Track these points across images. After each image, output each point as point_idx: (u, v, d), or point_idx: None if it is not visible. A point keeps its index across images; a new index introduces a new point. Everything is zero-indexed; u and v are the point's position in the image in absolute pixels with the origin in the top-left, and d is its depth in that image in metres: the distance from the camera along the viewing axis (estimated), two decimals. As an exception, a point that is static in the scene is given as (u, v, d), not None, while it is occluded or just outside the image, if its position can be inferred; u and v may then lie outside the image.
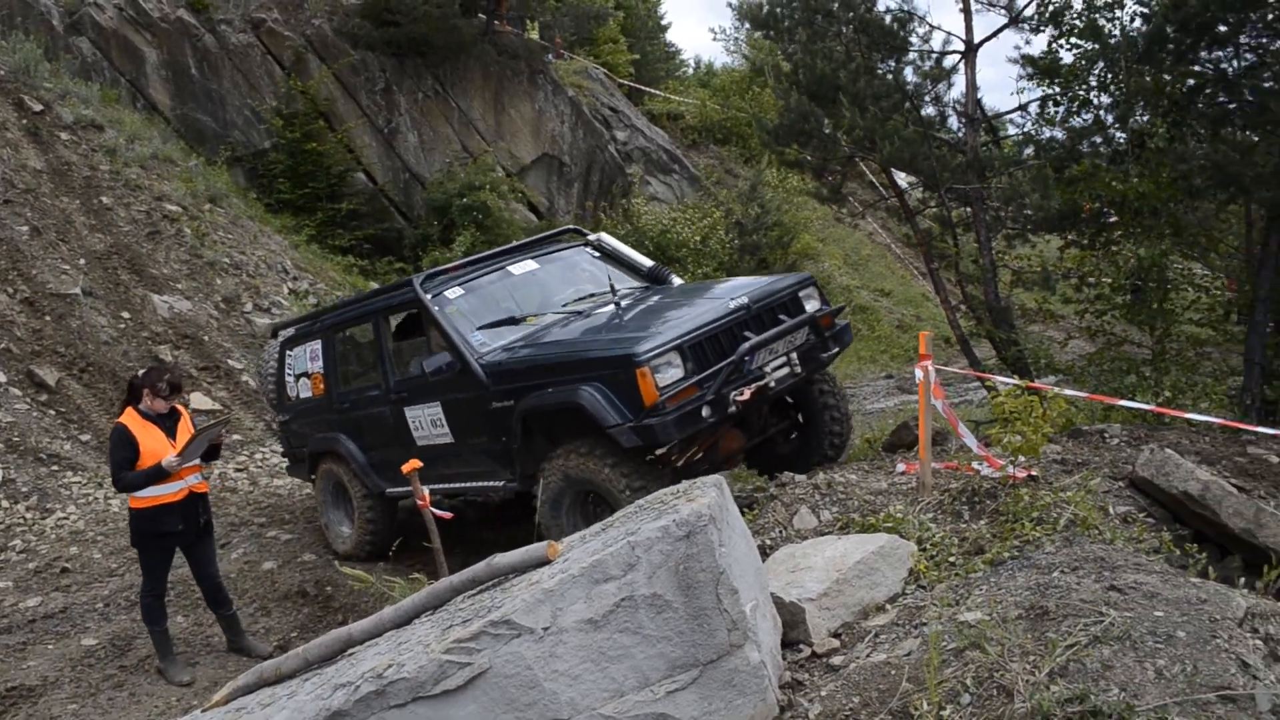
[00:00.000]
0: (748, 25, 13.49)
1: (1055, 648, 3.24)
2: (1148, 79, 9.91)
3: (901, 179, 12.29)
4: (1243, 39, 9.82)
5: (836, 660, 3.91)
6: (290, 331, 8.96)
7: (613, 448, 5.96)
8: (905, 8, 10.68)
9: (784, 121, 10.34)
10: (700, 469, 6.29)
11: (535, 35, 20.80)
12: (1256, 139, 9.25)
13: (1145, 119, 9.96)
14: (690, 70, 37.04)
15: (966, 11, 10.31)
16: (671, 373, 5.87)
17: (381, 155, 18.37)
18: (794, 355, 6.38)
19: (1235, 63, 10.04)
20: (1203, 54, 9.65)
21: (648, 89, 28.00)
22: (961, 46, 10.42)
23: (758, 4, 12.06)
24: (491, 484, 7.04)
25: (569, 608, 3.44)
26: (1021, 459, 4.80)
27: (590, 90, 22.63)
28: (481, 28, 18.99)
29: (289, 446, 9.15)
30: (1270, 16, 9.18)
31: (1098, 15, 10.54)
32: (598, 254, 8.08)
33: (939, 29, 11.38)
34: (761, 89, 24.15)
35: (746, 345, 6.07)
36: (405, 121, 18.62)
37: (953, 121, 10.76)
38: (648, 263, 8.17)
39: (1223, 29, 9.38)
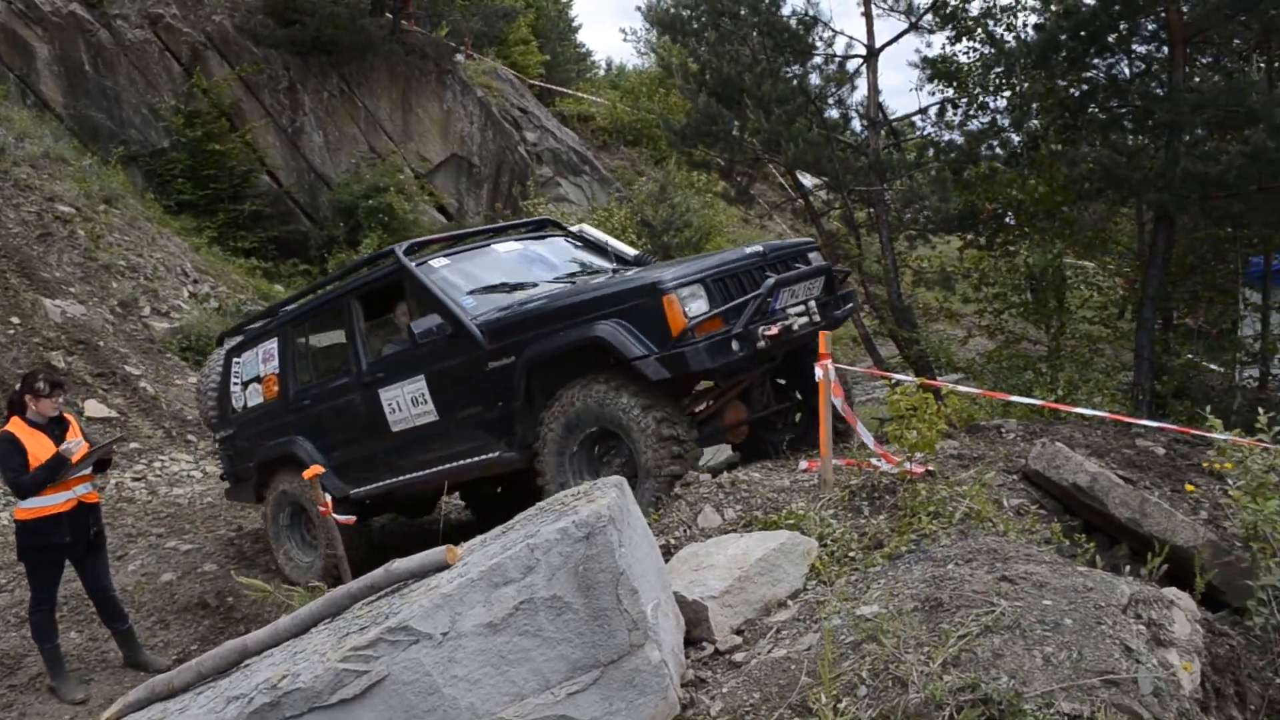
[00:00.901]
0: (657, 29, 13.53)
1: (948, 638, 3.31)
2: (1042, 84, 10.21)
3: (807, 180, 12.46)
4: (1134, 47, 10.18)
5: (739, 657, 3.95)
6: (239, 338, 8.45)
7: (633, 383, 5.68)
8: (810, 12, 10.86)
9: (691, 123, 10.42)
10: (707, 436, 6.17)
11: (444, 35, 20.57)
12: (1145, 142, 9.61)
13: (1039, 123, 10.25)
14: (601, 71, 37.02)
15: (868, 16, 10.51)
16: (697, 305, 5.63)
17: (286, 156, 17.98)
18: (812, 304, 6.23)
19: (1125, 69, 10.39)
20: (1094, 60, 9.97)
21: (559, 89, 27.92)
22: (863, 51, 10.61)
23: (664, 7, 12.12)
24: (485, 458, 6.47)
25: (468, 612, 3.41)
26: (919, 455, 4.90)
27: (500, 91, 22.46)
28: (388, 27, 18.73)
29: (231, 465, 8.42)
30: (1155, 26, 9.52)
31: (994, 21, 10.84)
32: (580, 245, 7.82)
33: (842, 34, 11.58)
34: (670, 90, 24.23)
35: (772, 280, 5.86)
36: (310, 121, 18.26)
37: (856, 124, 10.96)
38: (633, 251, 7.92)
39: (1112, 37, 9.70)
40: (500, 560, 3.48)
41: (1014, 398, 5.14)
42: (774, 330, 5.70)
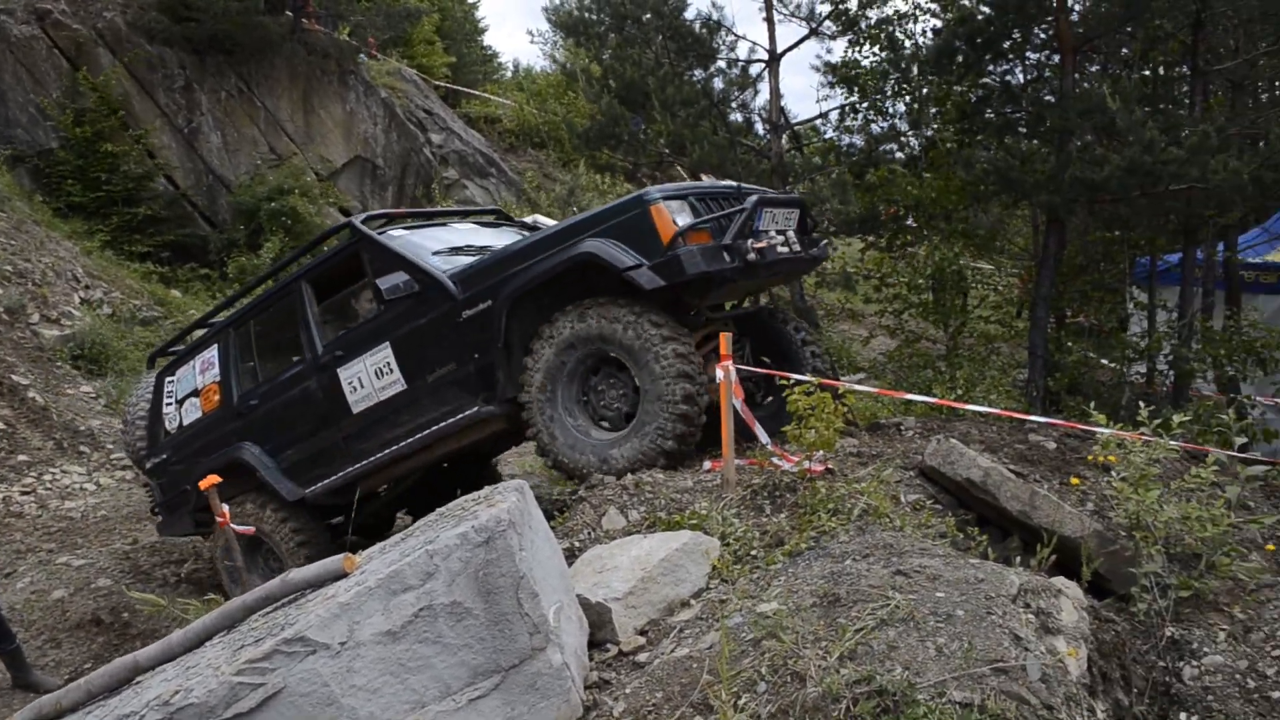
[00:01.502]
0: (561, 32, 13.53)
1: (845, 632, 3.37)
2: (939, 89, 10.48)
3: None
4: (1027, 54, 10.51)
5: (642, 657, 3.96)
6: (171, 357, 8.00)
7: (648, 307, 5.52)
8: (713, 17, 10.97)
9: (595, 126, 10.44)
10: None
11: (346, 34, 20.25)
12: (1037, 147, 9.91)
13: (937, 127, 10.52)
14: (508, 74, 36.87)
15: (770, 22, 10.66)
16: (683, 217, 5.53)
17: (183, 157, 17.50)
18: (790, 234, 6.19)
19: (1019, 75, 10.73)
20: (989, 67, 10.27)
21: (465, 91, 27.70)
22: (765, 56, 10.75)
23: (568, 10, 12.13)
24: (461, 417, 6.14)
25: (366, 621, 3.37)
26: (818, 454, 4.98)
27: (404, 92, 22.20)
28: (288, 26, 18.36)
29: (162, 494, 7.77)
30: (1047, 35, 9.84)
31: (893, 27, 11.08)
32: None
33: (744, 38, 11.73)
34: (577, 94, 24.25)
35: (755, 197, 5.82)
36: (208, 122, 17.80)
37: (759, 128, 11.10)
38: None
39: (1006, 45, 10.00)
40: (399, 567, 3.44)
41: (911, 396, 5.26)
42: (763, 243, 5.67)
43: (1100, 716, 3.56)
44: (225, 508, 6.21)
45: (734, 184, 6.24)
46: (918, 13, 11.17)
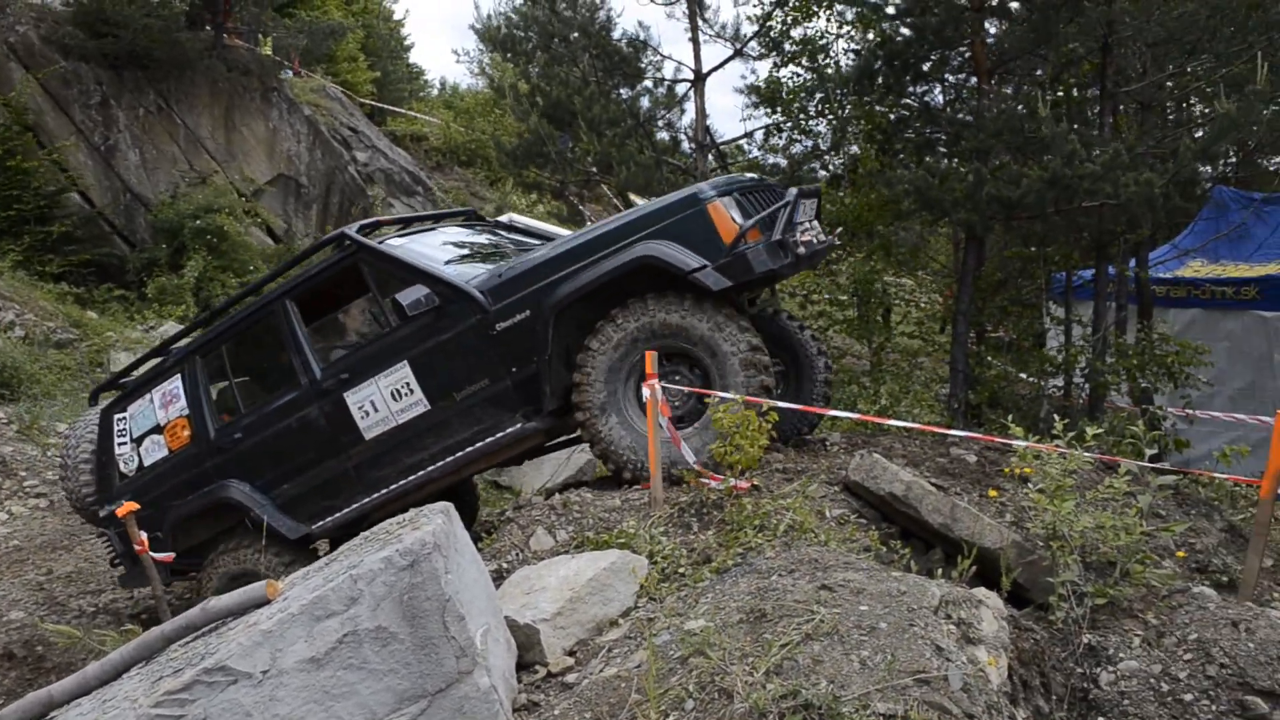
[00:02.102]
0: (489, 47, 13.54)
1: (771, 647, 3.40)
2: (860, 109, 10.67)
3: (639, 202, 12.65)
4: (946, 76, 10.75)
5: (571, 678, 3.95)
6: (119, 391, 7.34)
7: (686, 298, 5.40)
8: (639, 36, 11.06)
9: (523, 144, 10.44)
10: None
11: (269, 51, 19.98)
12: (955, 165, 10.13)
13: (858, 146, 10.71)
14: (435, 91, 36.70)
15: (695, 42, 10.76)
16: (736, 214, 5.41)
17: (99, 175, 17.05)
18: (815, 224, 6.11)
19: (938, 96, 10.96)
20: (909, 88, 10.48)
21: (390, 108, 27.52)
22: (691, 75, 10.85)
23: (496, 26, 12.14)
24: (501, 436, 5.83)
25: (289, 648, 3.31)
26: (745, 471, 5.02)
27: (329, 109, 21.98)
28: (209, 42, 18.05)
29: (125, 544, 6.93)
30: (963, 57, 10.08)
31: (815, 48, 11.28)
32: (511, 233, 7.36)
33: (670, 58, 11.83)
34: (505, 112, 24.23)
35: (794, 191, 5.72)
36: (125, 139, 17.39)
37: (685, 147, 11.20)
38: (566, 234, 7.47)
39: (925, 67, 10.22)
40: (323, 593, 3.39)
41: (835, 412, 5.32)
42: (809, 235, 5.64)
43: (1021, 724, 3.65)
44: (144, 535, 6.05)
45: (754, 175, 6.17)
46: (840, 34, 11.41)
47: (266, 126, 19.46)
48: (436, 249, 6.45)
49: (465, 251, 6.56)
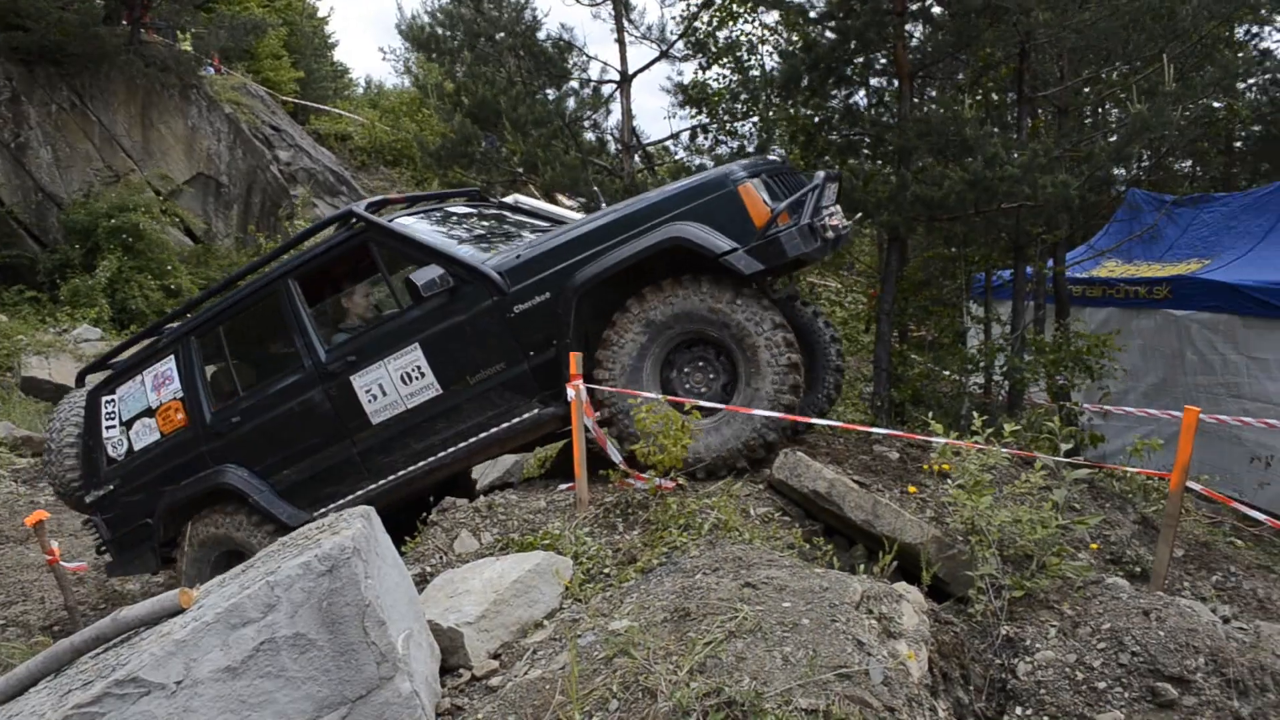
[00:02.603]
0: (413, 47, 13.38)
1: (695, 646, 3.40)
2: (785, 111, 10.75)
3: (565, 202, 12.61)
4: (870, 79, 10.88)
5: (495, 681, 3.91)
6: (107, 372, 7.11)
7: (715, 282, 5.26)
8: (565, 37, 11.02)
9: (447, 144, 10.34)
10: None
11: (188, 47, 19.54)
12: (879, 167, 10.27)
13: (783, 148, 10.79)
14: (360, 90, 36.26)
15: (621, 43, 10.76)
16: (765, 196, 5.30)
17: (9, 173, 16.53)
18: (838, 208, 6.02)
19: (862, 99, 11.09)
20: (833, 90, 10.59)
21: (314, 107, 27.10)
22: (617, 76, 10.85)
23: (421, 26, 12.01)
24: (518, 420, 5.65)
25: (204, 657, 3.23)
26: (670, 470, 5.02)
27: (250, 108, 21.58)
28: (125, 36, 17.58)
29: (113, 530, 6.84)
30: (886, 60, 10.21)
31: (741, 51, 11.35)
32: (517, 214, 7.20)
33: (596, 59, 11.81)
34: (431, 111, 24.03)
35: (822, 174, 5.61)
36: (37, 136, 16.88)
37: (611, 147, 11.19)
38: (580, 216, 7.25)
39: (849, 70, 10.34)
40: (238, 600, 3.31)
41: (759, 411, 5.35)
42: (836, 220, 5.54)
43: (942, 715, 3.68)
44: (55, 545, 5.87)
45: (775, 158, 6.10)
46: (763, 39, 11.50)
47: (185, 124, 19.03)
48: (447, 228, 6.29)
49: (476, 232, 6.41)
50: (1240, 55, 14.96)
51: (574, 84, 10.96)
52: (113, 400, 6.90)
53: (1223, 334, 10.73)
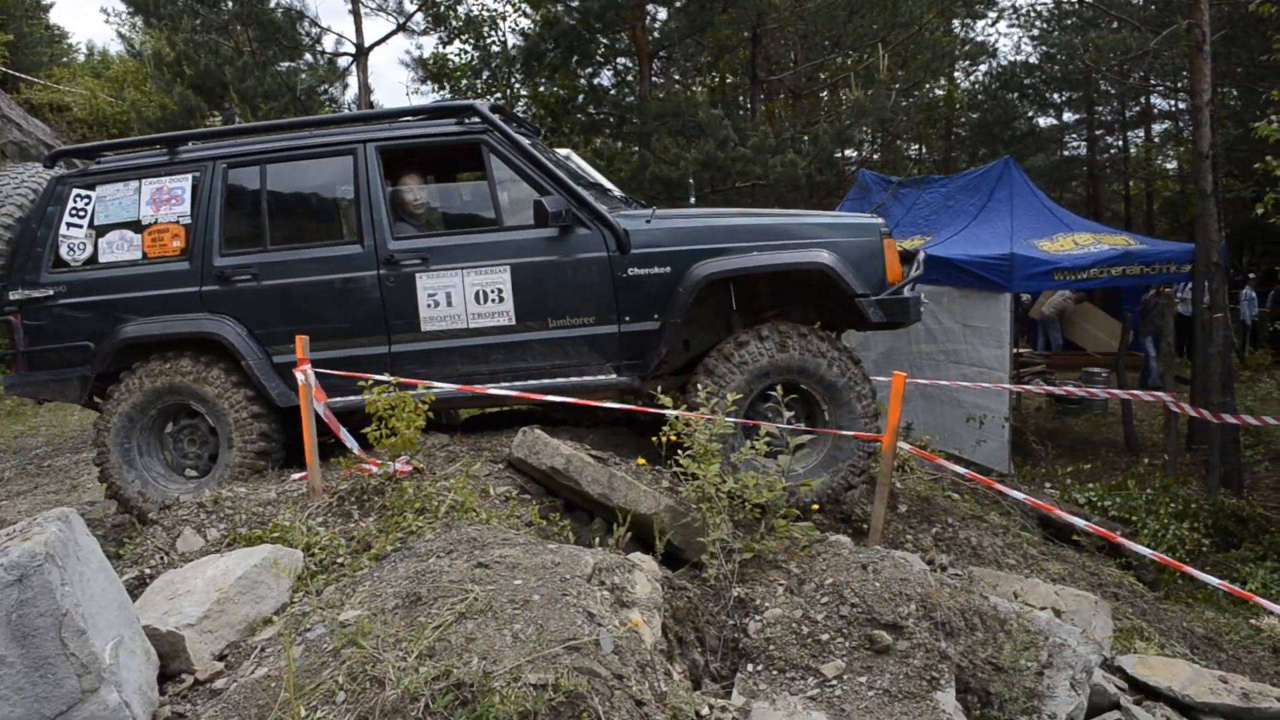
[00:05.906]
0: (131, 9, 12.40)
1: (425, 630, 3.35)
2: (530, 88, 10.76)
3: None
4: (618, 61, 11.03)
5: (220, 684, 3.74)
6: (91, 162, 6.07)
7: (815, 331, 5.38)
8: (296, 6, 10.55)
9: (167, 116, 9.68)
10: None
11: None
12: (621, 146, 10.45)
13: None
14: (81, 57, 33.46)
15: (356, 14, 10.41)
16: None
17: None
18: None
19: (608, 78, 11.24)
20: (577, 69, 10.68)
21: (25, 76, 24.78)
22: (354, 49, 10.50)
23: (139, -12, 11.17)
24: (584, 378, 5.54)
25: None
26: (404, 454, 4.93)
27: (-54, 74, 19.49)
28: None
29: (34, 341, 5.89)
30: (625, 41, 10.38)
31: (483, 27, 11.24)
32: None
33: (330, 30, 11.40)
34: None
35: (924, 253, 5.93)
36: None
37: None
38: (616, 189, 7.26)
39: (593, 50, 10.46)
40: (-92, 618, 2.99)
41: (497, 390, 5.32)
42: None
43: (676, 678, 3.81)
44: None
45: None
46: (507, 12, 11.41)
47: None
48: (559, 161, 6.05)
49: (580, 179, 6.10)
50: (949, 42, 16.14)
51: (308, 57, 10.51)
52: (89, 197, 5.94)
53: (944, 305, 11.60)
